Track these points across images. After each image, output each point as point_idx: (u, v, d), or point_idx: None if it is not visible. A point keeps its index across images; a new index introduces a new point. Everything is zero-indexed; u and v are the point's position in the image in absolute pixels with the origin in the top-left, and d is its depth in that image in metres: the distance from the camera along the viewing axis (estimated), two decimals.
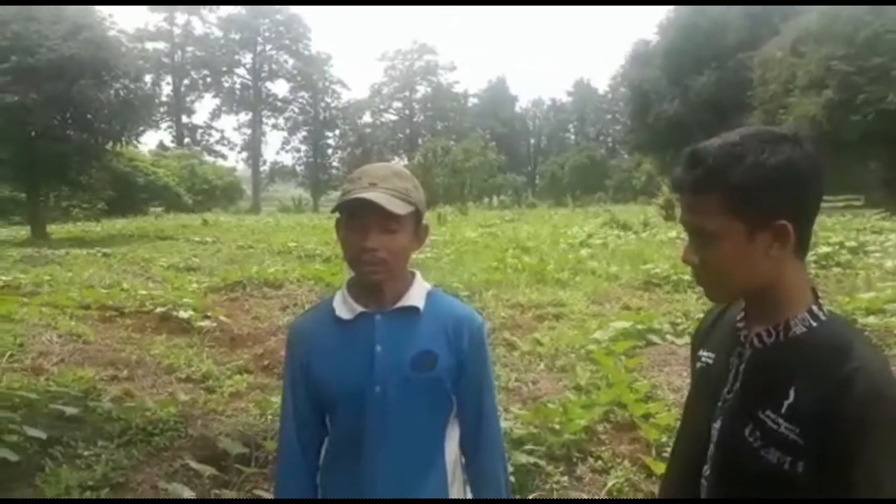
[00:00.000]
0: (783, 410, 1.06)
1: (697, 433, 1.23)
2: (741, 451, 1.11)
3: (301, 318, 1.65)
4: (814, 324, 1.11)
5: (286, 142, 67.17)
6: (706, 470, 1.20)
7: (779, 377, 1.09)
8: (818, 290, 1.18)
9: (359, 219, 1.42)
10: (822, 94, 27.09)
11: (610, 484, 3.44)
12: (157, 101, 46.20)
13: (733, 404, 1.16)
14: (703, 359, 1.28)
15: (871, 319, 6.05)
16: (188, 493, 3.27)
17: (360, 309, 1.49)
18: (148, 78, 32.60)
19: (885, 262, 9.53)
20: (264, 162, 66.26)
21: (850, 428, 0.99)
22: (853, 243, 11.54)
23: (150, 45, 56.34)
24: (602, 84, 79.59)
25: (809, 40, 28.47)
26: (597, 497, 3.34)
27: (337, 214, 1.48)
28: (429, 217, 1.57)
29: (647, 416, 4.05)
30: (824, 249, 10.44)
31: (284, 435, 1.57)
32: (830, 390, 1.01)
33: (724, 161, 1.06)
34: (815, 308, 1.12)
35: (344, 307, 1.51)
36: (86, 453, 3.82)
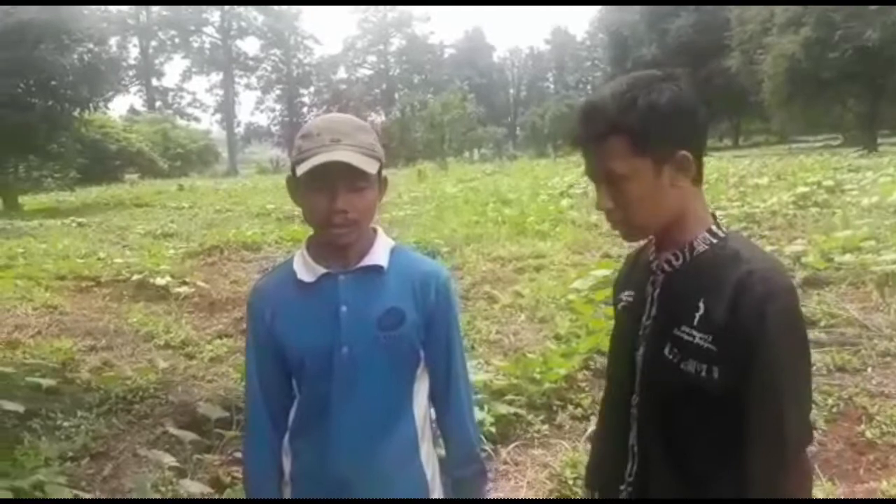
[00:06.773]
0: (695, 322, 1.15)
1: (623, 367, 1.30)
2: (662, 369, 1.19)
3: (262, 280, 1.59)
4: (714, 241, 1.20)
5: (260, 101, 66.12)
6: (634, 398, 1.27)
7: (689, 293, 1.18)
8: (796, 230, 1.19)
9: (325, 179, 1.35)
10: (800, 31, 26.85)
11: (590, 430, 3.47)
12: (124, 64, 45.05)
13: (652, 329, 1.24)
14: (624, 299, 1.37)
15: (848, 257, 6.08)
16: (169, 460, 3.26)
17: (322, 270, 1.45)
18: (113, 41, 31.73)
19: (862, 200, 9.56)
20: (239, 123, 65.21)
21: (750, 325, 1.08)
22: (830, 182, 11.60)
23: (112, 7, 54.68)
24: (580, 31, 78.53)
25: None
26: (577, 443, 3.37)
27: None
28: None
29: None
30: (801, 189, 10.47)
31: (252, 401, 1.53)
32: (730, 294, 1.11)
33: (620, 107, 1.15)
34: (713, 227, 1.21)
35: (305, 269, 1.47)
36: (65, 424, 3.82)
